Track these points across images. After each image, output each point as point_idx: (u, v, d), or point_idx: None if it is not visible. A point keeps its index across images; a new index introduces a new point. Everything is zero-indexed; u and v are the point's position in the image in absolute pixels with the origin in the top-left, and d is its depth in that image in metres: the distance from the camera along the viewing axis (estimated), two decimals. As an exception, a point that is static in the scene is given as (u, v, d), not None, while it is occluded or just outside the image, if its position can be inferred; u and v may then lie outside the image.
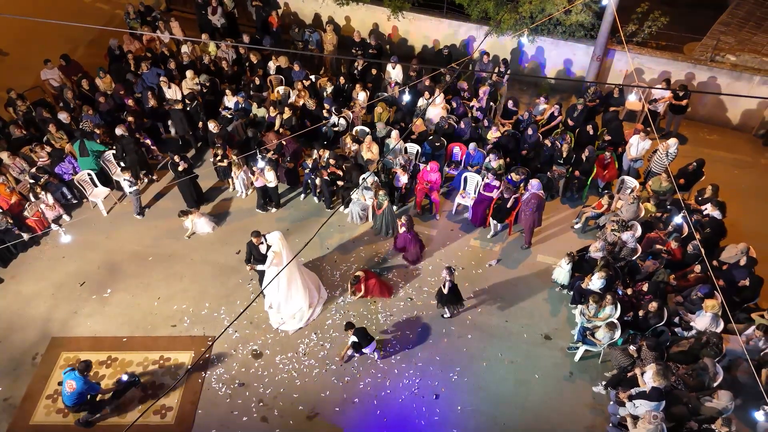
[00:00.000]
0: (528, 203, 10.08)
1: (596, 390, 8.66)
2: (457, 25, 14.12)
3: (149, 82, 12.69)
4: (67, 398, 7.84)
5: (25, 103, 12.10)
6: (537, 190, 10.08)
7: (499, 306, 9.81)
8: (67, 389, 7.76)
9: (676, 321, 8.90)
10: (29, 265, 10.45)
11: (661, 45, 13.30)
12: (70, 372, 7.83)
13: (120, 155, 11.34)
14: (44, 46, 14.57)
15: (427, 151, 11.52)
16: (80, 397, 7.83)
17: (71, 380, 7.77)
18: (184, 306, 9.75)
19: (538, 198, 10.06)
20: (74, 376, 7.79)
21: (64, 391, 7.83)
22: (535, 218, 10.21)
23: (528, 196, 10.10)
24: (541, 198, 10.15)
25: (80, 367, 7.87)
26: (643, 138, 10.94)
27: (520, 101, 13.15)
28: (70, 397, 7.80)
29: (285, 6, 15.52)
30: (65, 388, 7.80)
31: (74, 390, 7.74)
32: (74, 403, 7.87)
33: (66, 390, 7.79)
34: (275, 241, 8.83)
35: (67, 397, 7.81)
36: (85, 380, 7.84)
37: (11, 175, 10.84)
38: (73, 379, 7.77)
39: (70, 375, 7.81)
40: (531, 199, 10.04)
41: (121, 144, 11.17)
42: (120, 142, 11.17)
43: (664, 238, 9.80)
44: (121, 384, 8.34)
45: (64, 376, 7.85)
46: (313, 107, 12.08)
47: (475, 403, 8.56)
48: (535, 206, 10.03)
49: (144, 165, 11.72)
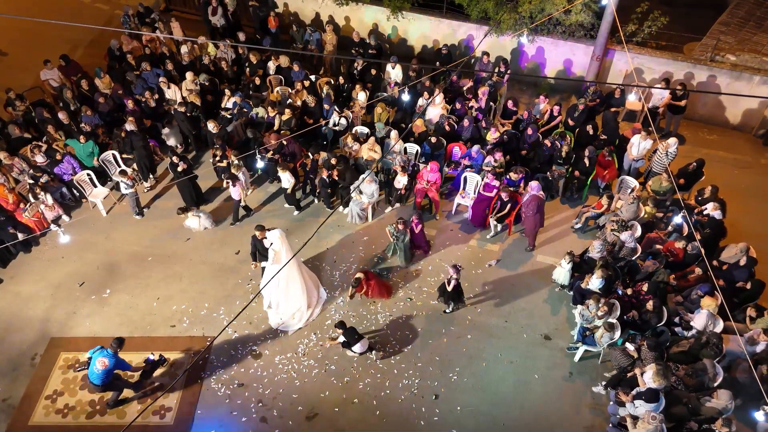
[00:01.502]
0: (528, 206, 10.05)
1: (596, 390, 8.64)
2: (457, 25, 14.11)
3: (149, 82, 12.69)
4: (96, 377, 7.85)
5: (25, 103, 12.10)
6: (536, 192, 10.06)
7: (499, 306, 9.79)
8: (99, 366, 7.77)
9: (676, 321, 8.88)
10: (28, 266, 10.44)
11: (660, 45, 13.30)
12: (101, 350, 7.87)
13: (129, 150, 11.31)
14: (44, 46, 14.58)
15: (427, 152, 11.51)
16: (109, 375, 7.88)
17: (103, 358, 7.78)
18: (183, 306, 9.74)
19: (538, 199, 10.03)
20: (106, 353, 7.84)
21: (94, 370, 7.83)
22: (537, 220, 10.14)
23: (528, 198, 10.07)
24: (541, 199, 10.13)
25: (114, 344, 7.94)
26: (644, 137, 10.92)
27: (519, 101, 13.14)
28: (99, 376, 7.82)
29: (284, 6, 15.52)
30: (95, 367, 7.79)
31: (106, 367, 7.77)
32: (103, 382, 7.90)
33: (97, 368, 7.78)
34: (275, 239, 8.83)
35: (97, 375, 7.82)
36: (117, 358, 7.90)
37: (11, 175, 10.83)
38: (105, 356, 7.80)
39: (102, 353, 7.83)
40: (530, 201, 10.01)
41: (130, 140, 11.15)
42: (129, 137, 11.15)
43: (664, 238, 9.79)
44: (148, 363, 8.42)
45: (94, 356, 7.86)
46: (313, 104, 12.07)
47: (474, 403, 8.55)
48: (536, 208, 9.99)
49: (151, 162, 11.69)
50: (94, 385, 7.95)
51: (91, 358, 7.91)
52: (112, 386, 8.19)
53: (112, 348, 7.93)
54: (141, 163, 11.44)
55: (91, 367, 7.88)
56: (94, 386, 7.98)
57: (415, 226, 10.16)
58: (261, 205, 11.59)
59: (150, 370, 8.50)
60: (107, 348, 7.92)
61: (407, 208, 11.47)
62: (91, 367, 7.87)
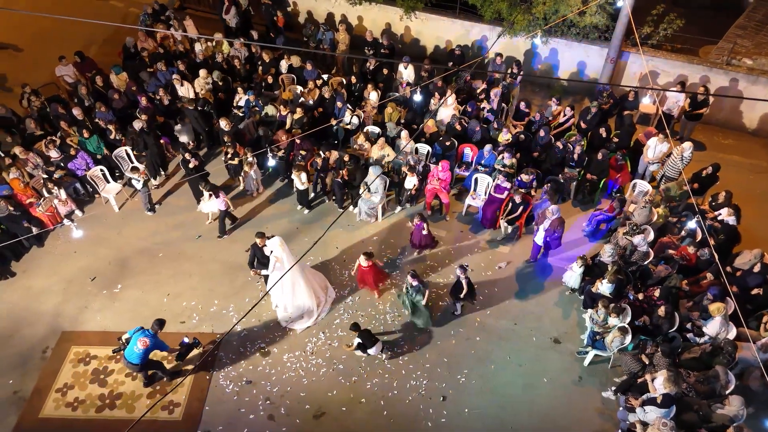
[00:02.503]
0: (555, 230, 9.67)
1: (606, 395, 8.57)
2: (470, 25, 14.06)
3: (163, 79, 12.76)
4: (136, 357, 8.01)
5: (40, 98, 12.22)
6: (557, 215, 9.66)
7: (508, 309, 9.74)
8: (140, 346, 7.94)
9: (688, 327, 8.79)
10: (41, 260, 10.54)
11: (676, 48, 13.16)
12: (141, 331, 8.03)
13: (141, 149, 11.38)
14: (59, 43, 14.71)
15: (438, 152, 11.48)
16: (147, 355, 8.06)
17: (144, 337, 7.95)
18: (193, 303, 9.78)
19: (562, 222, 9.74)
20: (147, 333, 8.01)
21: (134, 350, 7.98)
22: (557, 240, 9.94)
23: (554, 222, 9.60)
24: (563, 221, 9.80)
25: (155, 325, 8.12)
26: (661, 140, 10.81)
27: (532, 103, 13.07)
28: (139, 355, 7.99)
29: (293, 5, 15.54)
30: (136, 346, 7.95)
31: (147, 347, 7.95)
32: (142, 361, 8.06)
33: (138, 347, 7.95)
34: (275, 246, 8.86)
35: (137, 355, 7.99)
36: (156, 338, 8.06)
37: (25, 170, 10.94)
38: (146, 336, 7.97)
39: (143, 333, 8.01)
40: (557, 225, 9.64)
41: (142, 138, 11.23)
42: (141, 136, 11.23)
43: (676, 243, 9.69)
44: (183, 346, 8.57)
45: (134, 336, 8.01)
46: (328, 96, 12.15)
47: (482, 405, 8.51)
48: (561, 231, 9.77)
49: (162, 159, 11.75)
50: (133, 364, 8.11)
51: (131, 338, 8.06)
52: (149, 366, 8.38)
53: (152, 328, 8.11)
54: (152, 161, 11.51)
55: (130, 346, 8.04)
56: (132, 365, 8.14)
57: (417, 229, 10.05)
58: (270, 203, 11.61)
59: (185, 352, 8.69)
60: (148, 328, 8.09)
61: (417, 208, 11.44)
62: (131, 347, 8.03)
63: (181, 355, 8.76)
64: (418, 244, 10.38)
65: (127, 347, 8.07)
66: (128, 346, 8.06)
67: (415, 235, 10.27)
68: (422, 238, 10.21)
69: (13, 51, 15.13)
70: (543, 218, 9.75)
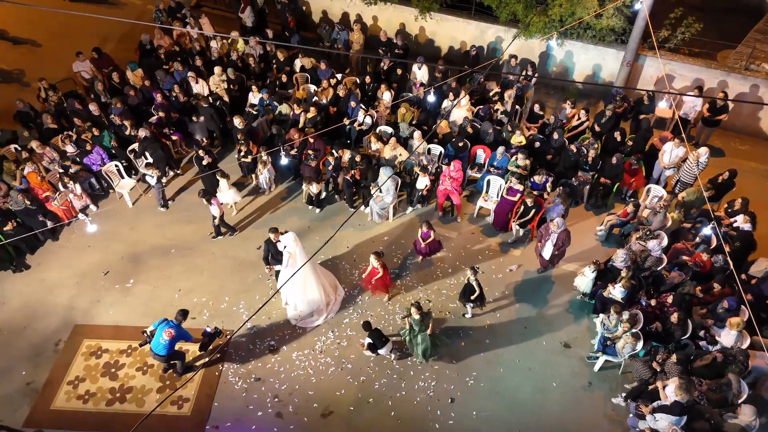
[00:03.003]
0: (563, 242, 9.52)
1: (616, 401, 8.50)
2: (485, 26, 14.01)
3: (178, 77, 12.86)
4: (162, 348, 8.15)
5: (57, 94, 12.36)
6: (563, 228, 9.51)
7: (519, 312, 9.70)
8: (166, 337, 8.06)
9: (701, 334, 8.68)
10: (55, 254, 10.66)
11: (694, 52, 13.02)
12: (165, 322, 8.15)
13: (140, 154, 11.45)
14: (77, 39, 14.90)
15: (450, 153, 11.45)
16: (173, 345, 8.19)
17: (169, 328, 8.07)
18: (204, 299, 9.84)
19: (569, 234, 9.59)
20: (172, 324, 8.13)
21: (159, 341, 8.11)
22: (563, 252, 9.79)
23: (560, 235, 9.47)
24: (569, 233, 9.64)
25: (179, 316, 8.23)
26: (677, 145, 10.70)
27: (546, 105, 12.99)
28: (165, 346, 8.13)
29: (308, 5, 15.57)
30: (162, 338, 8.08)
31: (172, 337, 8.08)
32: (168, 352, 8.20)
33: (164, 338, 8.08)
34: (289, 242, 8.88)
35: (163, 346, 8.13)
36: (181, 329, 8.17)
37: (41, 164, 11.08)
38: (171, 327, 8.09)
39: (167, 324, 8.12)
40: (564, 238, 9.49)
41: (143, 145, 11.27)
42: (142, 144, 11.29)
43: (691, 249, 9.58)
44: (205, 335, 8.64)
45: (159, 328, 8.13)
46: (342, 95, 12.19)
47: (491, 408, 8.47)
48: (566, 243, 9.59)
49: (169, 162, 11.79)
50: (159, 356, 8.25)
51: (156, 330, 8.17)
52: (175, 356, 8.50)
53: (176, 319, 8.22)
54: (158, 166, 11.51)
55: (156, 338, 8.16)
56: (159, 357, 8.28)
57: (422, 238, 9.83)
58: (282, 201, 11.66)
59: (207, 342, 8.75)
60: (172, 319, 8.20)
61: (429, 209, 11.42)
62: (156, 339, 8.15)
63: (204, 345, 8.84)
64: (424, 252, 10.10)
65: (153, 339, 8.19)
66: (153, 338, 8.19)
67: (417, 243, 9.99)
68: (428, 246, 9.94)
69: (31, 46, 15.34)
70: (547, 233, 9.58)
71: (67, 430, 8.21)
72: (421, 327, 8.48)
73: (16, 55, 15.06)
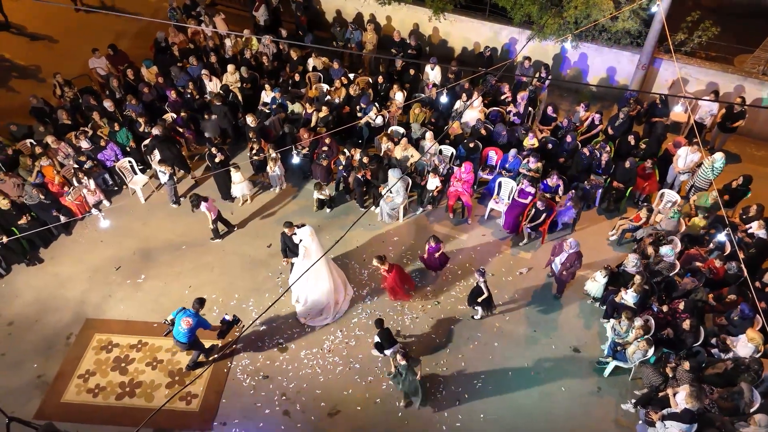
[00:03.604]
0: (572, 265, 9.26)
1: (625, 408, 8.42)
2: (499, 28, 13.96)
3: (192, 73, 12.93)
4: (182, 336, 8.26)
5: (73, 89, 12.48)
6: (574, 249, 9.22)
7: (528, 315, 9.64)
8: (184, 326, 8.17)
9: (713, 342, 8.59)
10: (68, 248, 10.76)
11: (710, 56, 12.88)
12: (183, 311, 8.23)
13: (150, 151, 11.50)
14: (93, 35, 15.04)
15: (462, 155, 11.42)
16: (193, 333, 8.29)
17: (187, 317, 8.16)
18: (214, 296, 9.88)
19: (580, 256, 9.28)
20: (189, 313, 8.20)
21: (179, 329, 8.22)
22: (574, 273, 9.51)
23: (571, 256, 9.22)
24: (581, 256, 9.37)
25: (195, 305, 8.28)
26: (693, 150, 10.59)
27: (559, 108, 12.91)
28: (185, 334, 8.24)
29: (319, 5, 15.59)
30: (180, 327, 8.19)
31: (190, 326, 8.18)
32: (188, 340, 8.31)
33: (182, 327, 8.18)
34: (306, 236, 8.88)
35: (183, 334, 8.24)
36: (199, 317, 8.25)
37: (56, 159, 11.19)
38: (189, 316, 8.18)
39: (185, 313, 8.21)
40: (575, 260, 9.18)
41: (153, 143, 11.32)
42: (152, 141, 11.34)
43: (704, 255, 9.48)
44: (224, 323, 8.69)
45: (178, 316, 8.22)
46: (354, 93, 12.18)
47: (498, 412, 8.43)
48: (579, 266, 9.33)
49: (180, 162, 11.74)
50: (181, 343, 8.36)
51: (175, 318, 8.27)
52: (196, 344, 8.60)
53: (194, 308, 8.27)
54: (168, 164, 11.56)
55: (176, 327, 8.26)
56: (181, 344, 8.40)
57: (430, 252, 9.57)
58: (293, 199, 11.69)
59: (226, 330, 8.78)
60: (189, 308, 8.27)
61: (439, 210, 11.40)
62: (176, 327, 8.26)
63: (222, 332, 8.85)
64: (435, 267, 9.84)
65: (174, 327, 8.30)
66: (174, 326, 8.30)
67: (429, 258, 9.72)
68: (436, 260, 9.68)
69: (48, 42, 15.50)
70: (560, 250, 9.41)
71: (76, 422, 8.27)
72: (408, 373, 7.97)
73: (33, 50, 15.23)
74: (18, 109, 12.62)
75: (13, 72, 14.58)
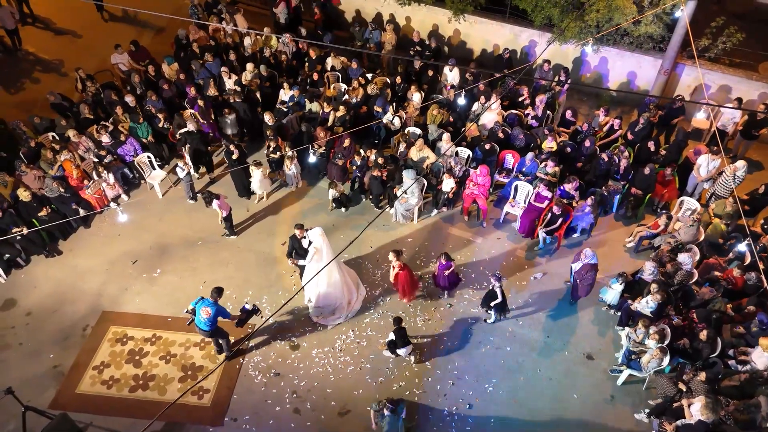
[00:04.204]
0: (584, 277, 9.11)
1: (638, 417, 8.31)
2: (519, 30, 13.86)
3: (212, 71, 13.03)
4: (204, 324, 8.32)
5: (95, 84, 12.65)
6: (590, 260, 9.05)
7: (542, 320, 9.57)
8: (204, 316, 8.23)
9: (730, 353, 8.44)
10: (87, 241, 10.91)
11: (734, 62, 12.66)
12: (202, 300, 8.29)
13: (182, 144, 11.64)
14: (115, 31, 15.23)
15: (478, 157, 11.36)
16: (214, 321, 8.36)
17: (206, 307, 8.22)
18: (228, 292, 9.91)
19: (594, 269, 9.12)
20: (208, 302, 8.26)
21: (200, 319, 8.30)
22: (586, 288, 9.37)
23: (585, 266, 9.08)
24: (596, 269, 9.20)
25: (213, 294, 8.32)
26: (713, 157, 10.42)
27: (578, 112, 12.78)
28: (206, 323, 8.29)
29: (339, 4, 15.61)
30: (201, 317, 8.26)
31: (210, 315, 8.23)
32: (211, 328, 8.38)
33: (202, 317, 8.25)
34: (316, 237, 8.91)
35: (204, 323, 8.30)
36: (217, 305, 8.31)
37: (77, 153, 11.35)
38: (207, 305, 8.23)
39: (204, 303, 8.26)
40: (588, 271, 9.03)
41: (186, 137, 11.47)
42: (185, 136, 11.47)
43: (723, 265, 9.32)
44: (243, 312, 8.68)
45: (197, 306, 8.28)
46: (372, 93, 12.19)
47: (509, 417, 8.38)
48: (593, 278, 9.18)
49: (206, 160, 11.88)
50: (204, 331, 8.44)
51: (195, 308, 8.33)
52: (219, 332, 8.66)
53: (212, 297, 8.30)
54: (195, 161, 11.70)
55: (197, 317, 8.34)
56: (204, 332, 8.47)
57: (440, 270, 9.35)
58: (308, 198, 11.73)
59: (245, 318, 8.76)
60: (207, 298, 8.31)
61: (454, 212, 11.36)
62: (197, 317, 8.33)
63: (241, 321, 8.77)
64: (445, 286, 9.60)
65: (195, 317, 8.37)
66: (195, 315, 8.37)
67: (439, 277, 9.49)
68: (447, 279, 9.44)
69: (72, 37, 15.72)
70: (577, 258, 9.27)
71: (90, 413, 8.40)
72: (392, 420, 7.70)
73: (57, 45, 15.46)
74: (41, 102, 12.82)
75: (37, 66, 14.82)
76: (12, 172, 10.73)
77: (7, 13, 14.30)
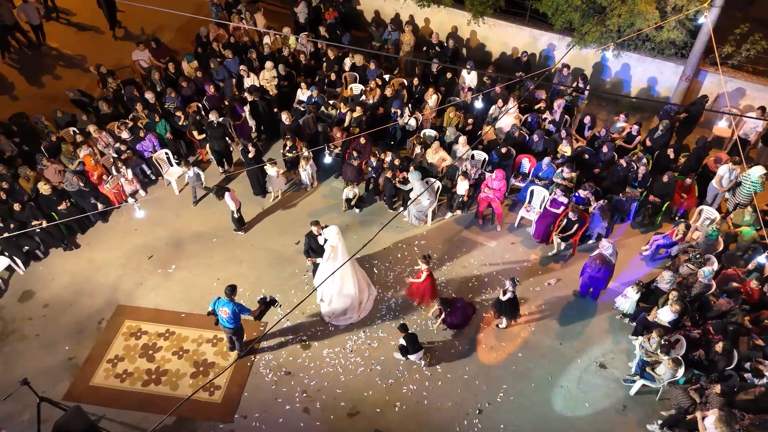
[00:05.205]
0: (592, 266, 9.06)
1: (651, 428, 8.20)
2: (539, 33, 13.76)
3: (231, 70, 13.13)
4: (226, 322, 8.40)
5: (116, 80, 12.81)
6: (606, 250, 8.99)
7: (554, 327, 9.49)
8: (223, 315, 8.33)
9: (746, 366, 8.29)
10: (104, 235, 11.05)
11: (758, 70, 12.43)
12: (218, 301, 8.34)
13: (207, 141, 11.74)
14: (138, 27, 15.38)
15: (495, 160, 11.30)
16: (236, 318, 8.41)
17: (224, 307, 8.28)
18: (241, 290, 9.94)
19: (606, 263, 9.00)
20: (224, 302, 8.30)
21: (222, 318, 8.40)
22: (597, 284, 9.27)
23: (596, 255, 9.06)
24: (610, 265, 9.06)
25: (227, 292, 8.32)
26: (733, 167, 10.25)
27: (597, 117, 12.65)
28: (229, 321, 8.37)
29: (358, 4, 15.62)
30: (221, 316, 8.36)
31: (229, 314, 8.30)
32: (235, 325, 8.47)
33: (222, 317, 8.36)
34: (332, 235, 8.91)
35: (227, 321, 8.38)
36: (234, 303, 8.35)
37: (97, 148, 11.51)
38: (225, 305, 8.28)
39: (221, 302, 8.31)
40: (598, 261, 9.01)
41: (210, 130, 11.57)
42: (210, 128, 11.58)
43: (742, 276, 9.16)
44: (261, 304, 8.64)
45: (216, 306, 8.34)
46: (389, 95, 12.22)
47: (518, 423, 8.32)
48: (603, 275, 9.10)
49: (228, 156, 12.02)
50: (229, 328, 8.52)
51: (214, 310, 8.39)
52: (241, 332, 8.74)
53: (226, 296, 8.31)
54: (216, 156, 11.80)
55: (219, 317, 8.42)
56: (228, 329, 8.56)
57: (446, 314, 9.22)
58: (323, 198, 11.76)
59: (264, 310, 8.70)
60: (222, 297, 8.34)
61: (468, 215, 11.31)
62: (219, 317, 8.42)
63: (261, 313, 8.68)
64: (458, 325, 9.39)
65: (218, 317, 8.45)
66: (217, 316, 8.45)
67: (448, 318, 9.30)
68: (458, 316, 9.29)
69: (95, 33, 15.94)
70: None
71: (103, 406, 8.50)
72: None
73: (80, 40, 15.68)
74: (63, 96, 13.00)
75: (60, 61, 15.05)
76: (33, 166, 10.91)
77: (32, 8, 14.54)
